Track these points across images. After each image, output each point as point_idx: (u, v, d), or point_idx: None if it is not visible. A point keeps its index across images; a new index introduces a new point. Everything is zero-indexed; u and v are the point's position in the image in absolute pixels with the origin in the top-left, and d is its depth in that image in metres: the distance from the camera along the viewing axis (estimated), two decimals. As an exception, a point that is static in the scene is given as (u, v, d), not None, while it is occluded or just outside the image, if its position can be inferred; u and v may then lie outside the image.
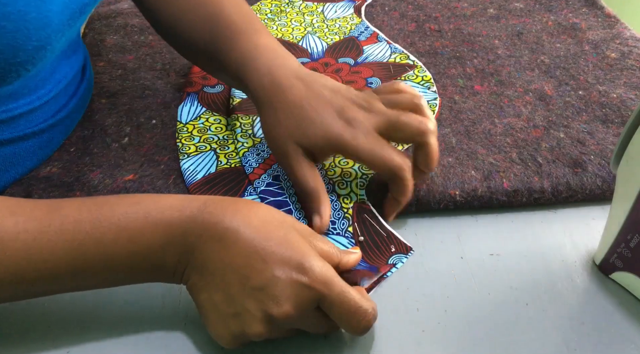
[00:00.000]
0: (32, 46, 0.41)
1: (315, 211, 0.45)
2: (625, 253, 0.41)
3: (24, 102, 0.48)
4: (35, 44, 0.41)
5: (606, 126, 0.55)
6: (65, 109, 0.53)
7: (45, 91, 0.50)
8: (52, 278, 0.36)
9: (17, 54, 0.40)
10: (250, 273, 0.35)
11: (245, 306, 0.35)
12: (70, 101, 0.54)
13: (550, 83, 0.61)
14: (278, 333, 0.37)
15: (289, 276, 0.35)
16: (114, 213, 0.36)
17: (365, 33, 0.71)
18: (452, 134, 0.54)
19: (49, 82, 0.50)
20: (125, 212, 0.36)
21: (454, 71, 0.63)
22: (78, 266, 0.36)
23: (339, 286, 0.36)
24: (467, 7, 0.76)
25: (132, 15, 0.75)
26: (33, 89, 0.48)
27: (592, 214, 0.49)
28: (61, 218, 0.36)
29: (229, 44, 0.50)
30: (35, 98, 0.49)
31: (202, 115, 0.57)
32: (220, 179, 0.49)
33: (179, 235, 0.36)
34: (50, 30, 0.42)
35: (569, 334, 0.39)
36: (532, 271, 0.44)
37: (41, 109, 0.50)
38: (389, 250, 0.44)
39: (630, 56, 0.65)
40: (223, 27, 0.51)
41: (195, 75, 0.63)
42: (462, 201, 0.48)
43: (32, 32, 0.40)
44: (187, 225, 0.36)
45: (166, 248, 0.36)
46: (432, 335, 0.40)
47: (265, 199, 0.47)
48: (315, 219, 0.44)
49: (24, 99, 0.48)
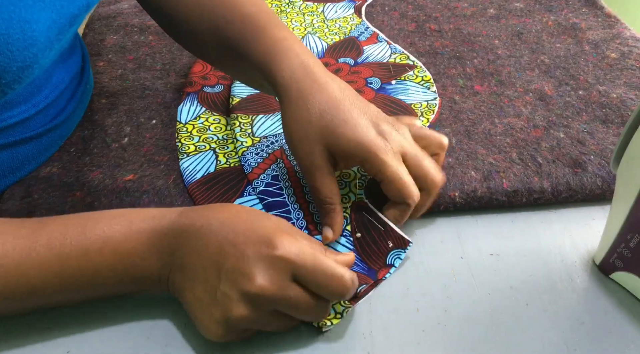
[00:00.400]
0: (16, 67, 0.40)
1: (328, 224, 0.44)
2: (625, 253, 0.41)
3: (18, 111, 0.47)
4: (20, 65, 0.40)
5: (606, 126, 0.55)
6: (64, 113, 0.53)
7: (41, 97, 0.49)
8: (43, 293, 0.37)
9: (2, 75, 0.39)
10: (223, 259, 0.36)
11: (222, 290, 0.36)
12: (68, 104, 0.54)
13: (550, 83, 0.61)
14: (261, 314, 0.36)
15: (258, 251, 0.36)
16: (97, 224, 0.38)
17: (365, 33, 0.71)
18: (452, 134, 0.54)
19: (45, 88, 0.50)
20: (109, 223, 0.38)
21: (454, 71, 0.63)
22: (66, 278, 0.37)
23: (310, 254, 0.36)
24: (467, 7, 0.76)
25: (132, 15, 0.75)
26: (28, 97, 0.48)
27: (592, 214, 0.49)
28: (47, 234, 0.37)
29: (255, 36, 0.48)
30: (30, 106, 0.48)
31: (202, 115, 0.57)
32: (220, 178, 0.49)
33: (160, 240, 0.38)
34: (37, 49, 0.41)
35: (569, 334, 0.39)
36: (532, 271, 0.44)
37: (38, 116, 0.49)
38: (386, 247, 0.44)
39: (630, 56, 0.65)
40: (245, 22, 0.49)
41: (194, 75, 0.63)
42: (462, 202, 0.48)
43: (16, 54, 0.39)
44: (167, 230, 0.38)
45: (150, 254, 0.38)
46: (432, 335, 0.39)
47: (264, 199, 0.47)
48: (327, 232, 0.44)
49: (19, 108, 0.47)
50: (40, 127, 0.50)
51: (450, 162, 0.50)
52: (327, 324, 0.39)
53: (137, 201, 0.47)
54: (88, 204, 0.47)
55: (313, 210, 0.46)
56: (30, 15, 0.40)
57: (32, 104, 0.48)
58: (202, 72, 0.63)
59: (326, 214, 0.44)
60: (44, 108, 0.50)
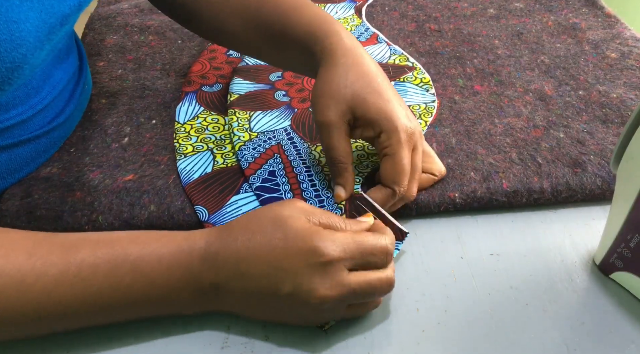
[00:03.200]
0: (5, 68, 0.40)
1: (340, 183, 0.46)
2: (625, 253, 0.41)
3: (15, 113, 0.47)
4: (8, 66, 0.40)
5: (606, 126, 0.55)
6: (62, 115, 0.52)
7: (38, 99, 0.49)
8: (73, 317, 0.37)
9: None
10: (276, 287, 0.37)
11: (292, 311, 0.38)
12: (67, 106, 0.53)
13: (550, 83, 0.61)
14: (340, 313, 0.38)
15: (309, 264, 0.36)
16: (127, 257, 0.37)
17: (365, 34, 0.71)
18: (452, 134, 0.54)
19: (42, 89, 0.49)
20: (140, 256, 0.38)
21: (454, 71, 0.63)
22: (98, 307, 0.37)
23: (350, 241, 0.37)
24: (467, 7, 0.76)
25: (132, 15, 0.75)
26: (24, 99, 0.47)
27: (592, 214, 0.48)
28: (77, 263, 0.37)
29: (293, 13, 0.51)
30: (27, 108, 0.48)
31: (200, 114, 0.57)
32: (217, 178, 0.49)
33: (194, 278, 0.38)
34: (25, 49, 0.41)
35: (569, 334, 0.39)
36: (532, 271, 0.44)
37: (35, 118, 0.49)
38: None
39: (630, 56, 0.65)
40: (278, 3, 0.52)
41: (193, 75, 0.63)
42: (462, 203, 0.48)
43: (4, 55, 0.39)
44: (200, 268, 0.38)
45: (182, 290, 0.38)
46: (432, 335, 0.39)
47: (261, 196, 0.47)
48: (340, 190, 0.46)
49: (15, 110, 0.47)
50: (39, 129, 0.49)
51: (449, 163, 0.50)
52: (329, 322, 0.39)
53: (137, 201, 0.47)
54: (88, 204, 0.47)
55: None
56: (18, 15, 0.40)
57: (29, 105, 0.48)
58: (201, 71, 0.63)
59: (339, 174, 0.46)
60: (42, 110, 0.49)
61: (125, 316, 0.39)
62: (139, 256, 0.37)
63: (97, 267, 0.37)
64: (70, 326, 0.38)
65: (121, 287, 0.37)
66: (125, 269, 0.37)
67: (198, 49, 0.68)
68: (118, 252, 0.37)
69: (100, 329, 0.40)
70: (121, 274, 0.37)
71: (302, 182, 0.48)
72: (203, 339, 0.39)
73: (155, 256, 0.38)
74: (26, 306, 0.35)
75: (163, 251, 0.38)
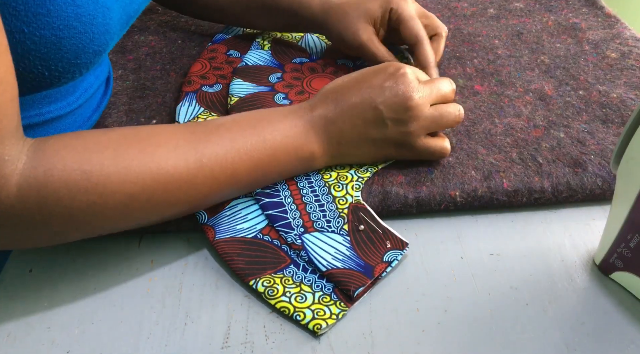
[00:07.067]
0: (92, 50, 0.42)
1: (421, 61, 0.58)
2: (625, 253, 0.41)
3: (55, 107, 0.48)
4: (95, 48, 0.42)
5: (606, 125, 0.55)
6: (88, 123, 0.54)
7: (74, 97, 0.50)
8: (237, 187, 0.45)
9: (80, 56, 0.41)
10: (370, 100, 0.46)
11: (392, 131, 0.48)
12: (93, 114, 0.55)
13: (551, 83, 0.61)
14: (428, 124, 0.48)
15: (394, 75, 0.47)
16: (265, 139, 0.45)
17: (365, 33, 0.70)
18: (452, 134, 0.54)
19: (77, 88, 0.51)
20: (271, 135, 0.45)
21: (454, 71, 0.63)
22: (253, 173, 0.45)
23: (421, 81, 0.48)
24: (467, 7, 0.76)
25: (132, 15, 0.75)
26: (64, 95, 0.49)
27: (592, 214, 0.49)
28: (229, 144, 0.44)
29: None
30: (65, 104, 0.49)
31: (200, 115, 0.57)
32: None
33: (310, 121, 0.47)
34: (109, 36, 0.43)
35: (569, 334, 0.39)
36: (532, 271, 0.44)
37: (68, 118, 0.50)
38: (384, 246, 0.44)
39: (630, 56, 0.65)
40: None
41: (193, 75, 0.62)
42: (463, 202, 0.48)
43: (96, 36, 0.42)
44: (309, 131, 0.47)
45: (307, 139, 0.46)
46: (432, 335, 0.39)
47: (261, 200, 0.47)
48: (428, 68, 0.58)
49: (56, 104, 0.48)
50: (68, 128, 0.51)
51: (450, 162, 0.50)
52: (323, 326, 0.39)
53: (137, 201, 0.47)
54: (88, 204, 0.47)
55: (310, 210, 0.46)
56: (110, 3, 0.43)
57: (66, 102, 0.49)
58: (201, 71, 0.63)
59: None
60: (74, 110, 0.51)
61: (280, 175, 0.47)
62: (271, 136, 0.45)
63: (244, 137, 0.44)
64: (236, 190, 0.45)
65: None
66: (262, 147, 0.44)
67: (198, 49, 0.68)
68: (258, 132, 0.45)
69: (100, 329, 0.40)
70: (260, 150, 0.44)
71: (302, 189, 0.48)
72: (203, 339, 0.39)
73: (277, 136, 0.45)
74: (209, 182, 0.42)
75: (278, 133, 0.45)
